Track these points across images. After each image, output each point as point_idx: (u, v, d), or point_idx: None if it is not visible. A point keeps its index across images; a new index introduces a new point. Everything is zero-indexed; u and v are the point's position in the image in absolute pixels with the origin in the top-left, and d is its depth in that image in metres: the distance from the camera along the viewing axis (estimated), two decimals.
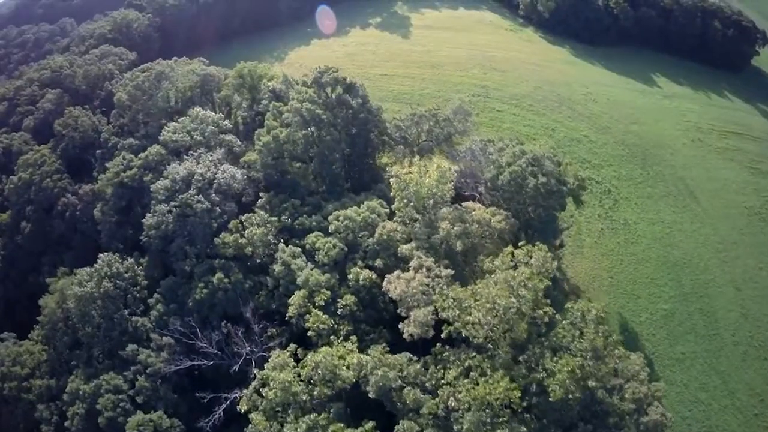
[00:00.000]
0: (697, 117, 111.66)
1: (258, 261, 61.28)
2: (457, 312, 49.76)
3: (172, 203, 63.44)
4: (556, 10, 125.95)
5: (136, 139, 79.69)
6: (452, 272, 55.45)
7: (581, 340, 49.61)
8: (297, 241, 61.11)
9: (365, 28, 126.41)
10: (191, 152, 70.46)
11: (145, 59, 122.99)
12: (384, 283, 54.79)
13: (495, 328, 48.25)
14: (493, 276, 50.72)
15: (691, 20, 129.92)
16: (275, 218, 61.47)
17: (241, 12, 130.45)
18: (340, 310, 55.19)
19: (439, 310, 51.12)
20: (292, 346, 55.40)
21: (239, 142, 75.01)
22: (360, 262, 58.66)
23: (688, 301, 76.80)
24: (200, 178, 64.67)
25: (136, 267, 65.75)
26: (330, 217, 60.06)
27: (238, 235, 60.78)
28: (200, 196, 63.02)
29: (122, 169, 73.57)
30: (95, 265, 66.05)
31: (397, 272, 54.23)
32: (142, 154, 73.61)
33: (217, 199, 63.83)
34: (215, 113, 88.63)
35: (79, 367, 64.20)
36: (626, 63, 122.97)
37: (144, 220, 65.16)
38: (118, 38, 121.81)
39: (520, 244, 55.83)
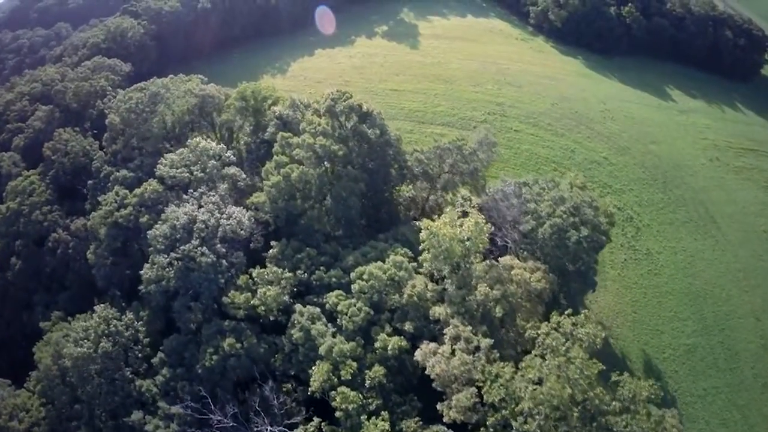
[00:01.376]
0: (714, 134, 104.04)
1: (272, 318, 53.12)
2: (503, 395, 42.44)
3: (173, 255, 53.75)
4: (568, 20, 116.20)
5: (131, 171, 68.89)
6: (492, 342, 47.90)
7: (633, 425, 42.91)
8: (315, 299, 52.82)
9: (371, 37, 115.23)
10: (191, 191, 60.87)
11: (140, 70, 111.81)
12: (418, 356, 46.28)
13: (548, 418, 41.09)
14: (543, 360, 43.39)
15: (702, 29, 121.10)
16: (290, 274, 52.42)
17: (240, 19, 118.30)
18: (368, 382, 47.70)
19: (482, 392, 43.74)
20: (316, 420, 47.82)
21: (244, 176, 64.81)
22: (387, 326, 50.78)
23: (709, 335, 72.61)
24: (203, 225, 54.90)
25: (136, 322, 56.96)
26: (352, 275, 51.18)
27: (250, 294, 51.80)
28: (204, 247, 53.38)
29: (116, 207, 63.20)
30: (91, 321, 57.23)
31: (432, 346, 46.34)
32: (137, 190, 63.16)
33: (223, 250, 54.23)
34: (216, 136, 78.92)
35: (81, 428, 56.15)
36: (639, 74, 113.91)
37: (142, 272, 55.31)
38: (113, 48, 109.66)
39: (567, 313, 48.88)
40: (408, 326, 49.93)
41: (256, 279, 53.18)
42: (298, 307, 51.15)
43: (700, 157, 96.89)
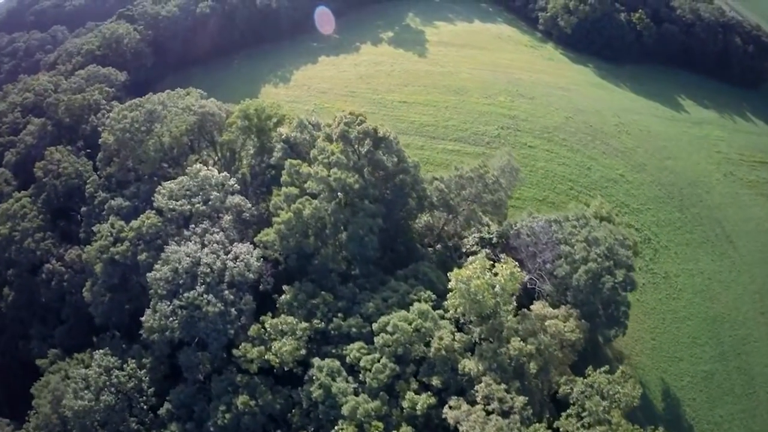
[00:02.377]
0: (727, 146, 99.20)
1: (286, 369, 47.92)
2: None
3: (176, 302, 47.70)
4: (578, 26, 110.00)
5: (126, 199, 61.95)
6: (526, 399, 43.29)
7: None
8: (333, 350, 47.44)
9: (377, 44, 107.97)
10: (193, 226, 54.36)
11: (136, 78, 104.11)
12: (449, 418, 41.61)
13: None
14: (580, 420, 38.89)
15: (712, 36, 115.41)
16: (306, 324, 46.51)
17: (240, 24, 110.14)
18: None
19: None
20: None
21: (249, 205, 58.17)
22: (413, 379, 45.95)
23: (726, 360, 69.97)
24: (208, 269, 48.84)
25: (139, 371, 51.42)
26: (375, 326, 45.67)
27: (263, 348, 46.31)
28: (210, 295, 47.37)
29: (111, 242, 56.79)
30: (90, 370, 51.73)
31: (465, 408, 41.63)
32: (134, 223, 56.37)
33: (231, 297, 48.16)
34: (217, 156, 72.46)
35: None
36: (651, 84, 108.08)
37: (143, 319, 49.23)
38: (108, 55, 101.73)
39: (601, 370, 44.39)
40: (435, 380, 44.98)
41: (268, 328, 47.72)
42: (316, 361, 45.71)
43: (715, 173, 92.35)
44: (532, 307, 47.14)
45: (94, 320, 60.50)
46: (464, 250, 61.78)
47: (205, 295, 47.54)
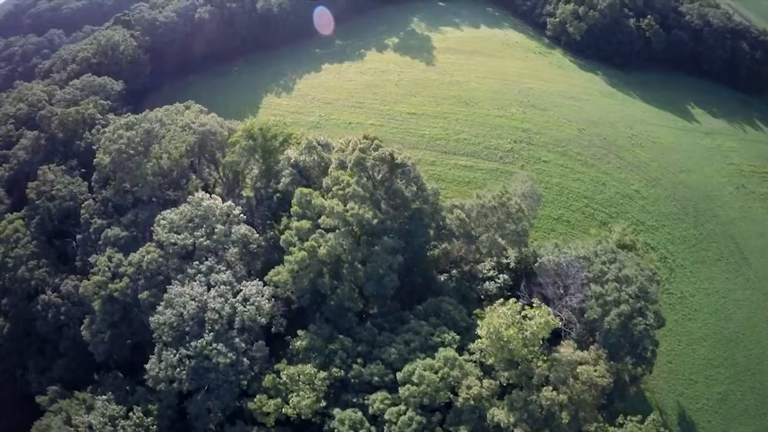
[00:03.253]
0: (738, 157, 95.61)
1: (304, 418, 44.16)
2: None
3: (183, 351, 43.75)
4: (587, 33, 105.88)
5: (124, 228, 57.11)
6: None
7: None
8: (354, 399, 43.79)
9: (382, 50, 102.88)
10: (197, 262, 49.87)
11: (133, 87, 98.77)
12: None
13: None
14: None
15: (720, 42, 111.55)
16: (324, 373, 42.72)
17: (240, 30, 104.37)
18: None
19: None
20: None
21: (256, 235, 53.57)
22: (439, 428, 42.38)
23: (741, 380, 68.03)
24: (216, 315, 44.62)
25: (145, 419, 47.33)
26: (399, 376, 42.15)
27: (280, 400, 42.58)
28: (220, 344, 43.34)
29: (110, 277, 52.31)
30: (93, 417, 47.51)
31: None
32: (133, 257, 51.84)
33: (242, 345, 44.21)
34: (219, 177, 67.63)
35: None
36: (660, 91, 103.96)
37: (147, 366, 45.28)
38: (103, 63, 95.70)
39: (633, 419, 41.26)
40: (463, 430, 41.60)
41: (284, 378, 43.78)
42: (337, 412, 42.06)
43: (728, 186, 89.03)
44: (561, 350, 43.64)
45: (95, 359, 56.43)
46: (481, 276, 58.27)
47: (214, 344, 43.43)
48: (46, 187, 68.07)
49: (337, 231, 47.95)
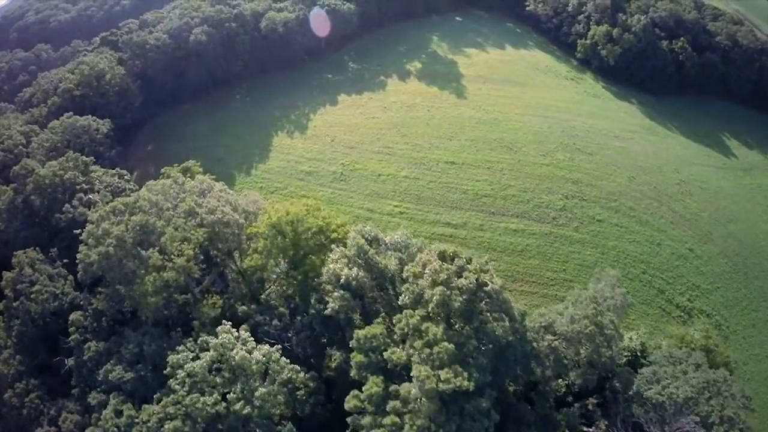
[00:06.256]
0: None
1: None
2: None
3: None
4: (621, 56, 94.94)
5: (128, 365, 43.37)
6: None
7: None
8: None
9: (405, 78, 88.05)
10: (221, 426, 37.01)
11: (122, 122, 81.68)
12: None
13: None
14: None
15: (749, 63, 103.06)
16: None
17: (242, 53, 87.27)
18: None
19: None
20: None
21: (302, 375, 41.57)
22: None
23: None
24: None
25: None
26: None
27: None
28: None
29: None
30: None
31: None
32: (147, 414, 39.13)
33: None
34: (240, 289, 51.36)
35: None
36: (694, 121, 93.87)
37: None
38: (88, 94, 77.87)
39: None
40: None
41: None
42: None
43: None
44: None
45: None
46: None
47: None
48: (25, 284, 52.98)
49: (422, 402, 36.93)
